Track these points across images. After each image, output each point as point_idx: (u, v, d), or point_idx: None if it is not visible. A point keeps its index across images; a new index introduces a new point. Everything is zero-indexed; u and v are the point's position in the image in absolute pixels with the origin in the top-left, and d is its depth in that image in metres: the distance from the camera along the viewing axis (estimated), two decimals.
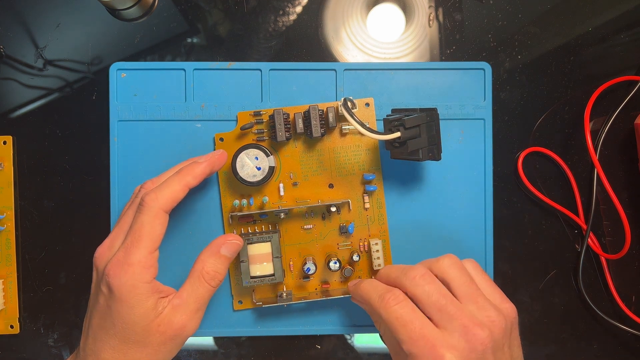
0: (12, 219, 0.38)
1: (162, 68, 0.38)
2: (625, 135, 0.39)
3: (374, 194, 0.38)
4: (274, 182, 0.37)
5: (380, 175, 0.38)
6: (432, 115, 0.34)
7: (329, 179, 0.37)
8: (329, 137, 0.37)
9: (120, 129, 0.38)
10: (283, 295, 0.37)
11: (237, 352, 0.39)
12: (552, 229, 0.40)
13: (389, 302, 0.30)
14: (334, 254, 0.38)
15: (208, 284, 0.32)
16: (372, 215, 0.38)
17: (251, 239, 0.36)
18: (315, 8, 0.39)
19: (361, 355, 0.40)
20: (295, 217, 0.37)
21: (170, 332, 0.31)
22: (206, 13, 0.39)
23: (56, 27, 0.39)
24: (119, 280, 0.30)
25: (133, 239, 0.31)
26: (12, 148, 0.38)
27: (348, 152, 0.37)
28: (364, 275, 0.38)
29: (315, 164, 0.37)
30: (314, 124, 0.35)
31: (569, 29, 0.40)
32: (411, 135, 0.33)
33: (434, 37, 0.40)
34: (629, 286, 0.40)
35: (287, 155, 0.37)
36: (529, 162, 0.39)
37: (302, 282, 0.38)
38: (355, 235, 0.38)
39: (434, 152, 0.34)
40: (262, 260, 0.36)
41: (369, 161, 0.38)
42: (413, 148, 0.33)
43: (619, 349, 0.40)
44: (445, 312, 0.29)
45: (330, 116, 0.36)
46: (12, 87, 0.39)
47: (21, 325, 0.39)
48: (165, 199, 0.32)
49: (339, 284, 0.38)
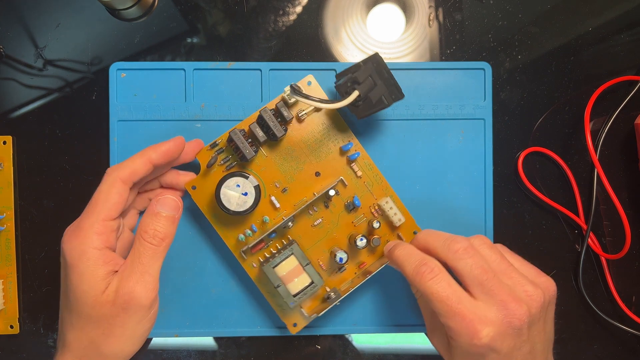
0: (12, 219, 0.38)
1: (162, 68, 0.38)
2: (625, 135, 0.39)
3: (359, 160, 0.37)
4: (265, 199, 0.36)
5: (356, 140, 0.37)
6: (377, 60, 0.33)
7: (312, 169, 0.37)
8: (291, 131, 0.36)
9: (120, 129, 0.38)
10: (331, 295, 0.36)
11: (237, 352, 0.39)
12: (552, 229, 0.40)
13: (425, 276, 0.30)
14: (355, 232, 0.37)
15: (149, 243, 0.31)
16: (368, 180, 0.37)
17: (274, 262, 0.35)
18: (315, 8, 0.39)
19: (361, 355, 0.40)
20: (302, 220, 0.37)
21: (120, 301, 0.30)
22: (206, 13, 0.39)
23: (56, 27, 0.39)
24: (70, 244, 0.30)
25: (88, 207, 0.31)
26: (12, 148, 0.38)
27: (316, 134, 0.37)
28: (391, 237, 0.37)
29: (292, 162, 0.37)
30: (273, 125, 0.34)
31: (569, 29, 0.40)
32: (368, 87, 0.33)
33: (434, 37, 0.40)
34: (629, 286, 0.40)
35: (264, 168, 0.36)
36: (529, 162, 0.39)
37: (340, 274, 0.37)
38: (363, 205, 0.37)
39: (394, 92, 0.34)
40: (294, 275, 0.35)
41: (339, 133, 0.37)
42: (376, 98, 0.33)
43: (619, 349, 0.40)
44: (485, 286, 0.30)
45: (283, 111, 0.35)
46: (12, 87, 0.39)
47: (21, 325, 0.39)
48: (124, 169, 0.32)
49: (374, 257, 0.37)
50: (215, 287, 0.38)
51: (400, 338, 0.40)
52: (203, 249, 0.38)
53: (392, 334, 0.40)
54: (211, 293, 0.38)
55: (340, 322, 0.38)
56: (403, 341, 0.40)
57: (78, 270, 0.30)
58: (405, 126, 0.38)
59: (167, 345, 0.39)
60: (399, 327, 0.39)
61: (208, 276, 0.38)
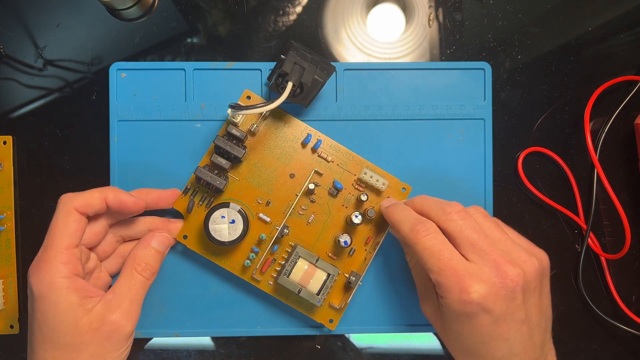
0: (12, 219, 0.38)
1: (162, 68, 0.38)
2: (625, 135, 0.39)
3: (324, 147, 0.37)
4: (253, 219, 0.37)
5: (312, 130, 0.37)
6: (294, 47, 0.34)
7: (285, 173, 0.37)
8: (251, 147, 0.37)
9: (120, 129, 0.38)
10: (351, 279, 0.36)
11: (237, 352, 0.39)
12: (552, 229, 0.40)
13: (420, 233, 0.30)
14: (348, 213, 0.37)
15: (140, 275, 0.32)
16: (340, 160, 0.37)
17: (286, 271, 0.35)
18: (315, 8, 0.39)
19: (361, 355, 0.40)
20: (295, 223, 0.37)
21: (105, 329, 0.30)
22: (206, 13, 0.39)
23: (56, 27, 0.39)
24: (37, 277, 0.30)
25: (48, 238, 0.31)
26: (12, 148, 0.38)
27: (274, 140, 0.37)
28: (377, 207, 0.37)
29: (264, 174, 0.37)
30: (231, 149, 0.35)
31: (569, 29, 0.40)
32: (298, 74, 0.33)
33: (434, 37, 0.40)
34: (629, 286, 0.40)
35: (241, 192, 0.37)
36: (529, 162, 0.39)
37: (352, 257, 0.37)
38: (346, 185, 0.37)
39: (325, 68, 0.35)
40: (310, 276, 0.36)
41: (294, 130, 0.37)
42: (310, 80, 0.34)
43: (619, 349, 0.40)
44: (477, 247, 0.30)
45: (235, 132, 0.35)
46: (12, 87, 0.39)
47: (21, 325, 0.39)
48: (78, 198, 0.32)
49: (375, 228, 0.37)
50: (215, 287, 0.38)
51: (400, 338, 0.40)
52: None
53: (392, 334, 0.40)
54: (211, 293, 0.38)
55: (340, 322, 0.38)
56: (403, 341, 0.40)
57: (50, 301, 0.29)
58: (405, 126, 0.38)
59: (167, 345, 0.39)
60: (399, 327, 0.39)
61: (208, 276, 0.38)
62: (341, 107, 0.38)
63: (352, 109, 0.38)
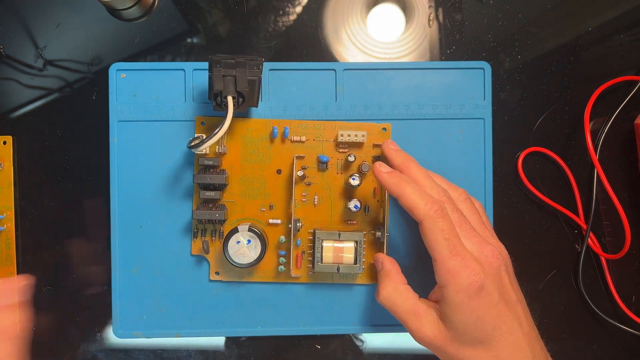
0: (12, 219, 0.38)
1: (162, 68, 0.38)
2: (625, 135, 0.39)
3: (292, 130, 0.37)
4: (266, 227, 0.38)
5: (274, 121, 0.37)
6: (214, 61, 0.33)
7: (271, 172, 0.37)
8: (229, 167, 0.37)
9: (120, 129, 0.38)
10: (377, 234, 0.37)
11: (237, 352, 0.39)
12: (552, 229, 0.40)
13: (437, 214, 0.31)
14: (345, 178, 0.38)
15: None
16: (314, 134, 0.37)
17: (317, 258, 0.36)
18: (315, 8, 0.39)
19: (361, 355, 0.40)
20: (304, 211, 0.38)
21: None
22: (206, 13, 0.39)
23: (56, 27, 0.39)
24: None
25: None
26: (11, 148, 0.38)
27: (245, 149, 0.37)
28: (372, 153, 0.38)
29: (253, 184, 0.37)
30: (212, 180, 0.35)
31: (569, 29, 0.40)
32: (232, 84, 0.33)
33: (434, 37, 0.40)
34: (629, 286, 0.40)
35: (242, 210, 0.37)
36: (529, 162, 0.39)
37: (369, 215, 0.38)
38: (330, 154, 0.37)
39: (252, 64, 0.33)
40: (340, 251, 0.36)
41: (258, 130, 0.37)
42: (245, 83, 0.33)
43: (619, 349, 0.40)
44: (463, 230, 0.32)
45: (207, 162, 0.36)
46: (12, 87, 0.39)
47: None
48: None
49: (375, 181, 0.38)
50: (215, 287, 0.38)
51: (400, 338, 0.40)
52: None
53: (392, 334, 0.40)
54: (211, 293, 0.38)
55: (340, 322, 0.38)
56: (403, 341, 0.40)
57: None
58: (405, 126, 0.38)
59: (167, 345, 0.39)
60: (399, 327, 0.39)
61: (208, 276, 0.38)
62: (341, 107, 0.38)
63: (352, 109, 0.38)
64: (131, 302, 0.38)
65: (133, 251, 0.38)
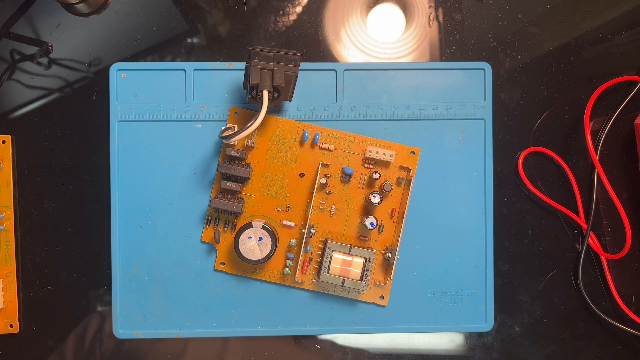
0: (11, 219, 0.38)
1: (162, 68, 0.38)
2: (625, 135, 0.39)
3: (323, 138, 0.37)
4: (279, 227, 0.38)
5: (306, 124, 0.37)
6: (253, 53, 0.33)
7: (294, 174, 0.37)
8: (254, 161, 0.37)
9: (121, 130, 0.38)
10: (388, 255, 0.37)
11: (237, 352, 0.39)
12: (552, 229, 0.40)
13: None
14: (366, 193, 0.37)
15: None
16: (343, 145, 0.37)
17: (324, 267, 0.36)
18: (315, 8, 0.39)
19: (361, 355, 0.40)
20: (319, 219, 0.38)
21: None
22: (206, 13, 0.39)
23: (56, 27, 0.39)
24: None
25: None
26: (11, 147, 0.38)
27: (273, 146, 0.37)
28: (397, 175, 0.38)
29: (275, 183, 0.37)
30: (236, 172, 0.35)
31: (569, 29, 0.40)
32: (270, 79, 0.33)
33: (434, 37, 0.40)
34: (629, 286, 0.40)
35: (259, 207, 0.37)
36: (529, 162, 0.39)
37: (382, 234, 0.38)
38: (356, 168, 0.37)
39: (290, 59, 0.33)
40: (348, 264, 0.36)
41: (289, 130, 0.37)
42: (282, 81, 0.32)
43: (619, 349, 0.40)
44: None
45: (234, 153, 0.36)
46: (12, 87, 0.39)
47: (21, 324, 0.39)
48: None
49: (397, 199, 0.38)
50: (216, 287, 0.38)
51: (400, 338, 0.40)
52: (203, 249, 0.38)
53: (392, 334, 0.40)
54: (211, 293, 0.38)
55: (340, 322, 0.38)
56: (403, 341, 0.40)
57: None
58: (405, 126, 0.38)
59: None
60: (398, 327, 0.39)
61: (208, 276, 0.38)
62: (341, 107, 0.38)
63: (352, 109, 0.38)
64: (131, 302, 0.38)
65: (133, 251, 0.38)
